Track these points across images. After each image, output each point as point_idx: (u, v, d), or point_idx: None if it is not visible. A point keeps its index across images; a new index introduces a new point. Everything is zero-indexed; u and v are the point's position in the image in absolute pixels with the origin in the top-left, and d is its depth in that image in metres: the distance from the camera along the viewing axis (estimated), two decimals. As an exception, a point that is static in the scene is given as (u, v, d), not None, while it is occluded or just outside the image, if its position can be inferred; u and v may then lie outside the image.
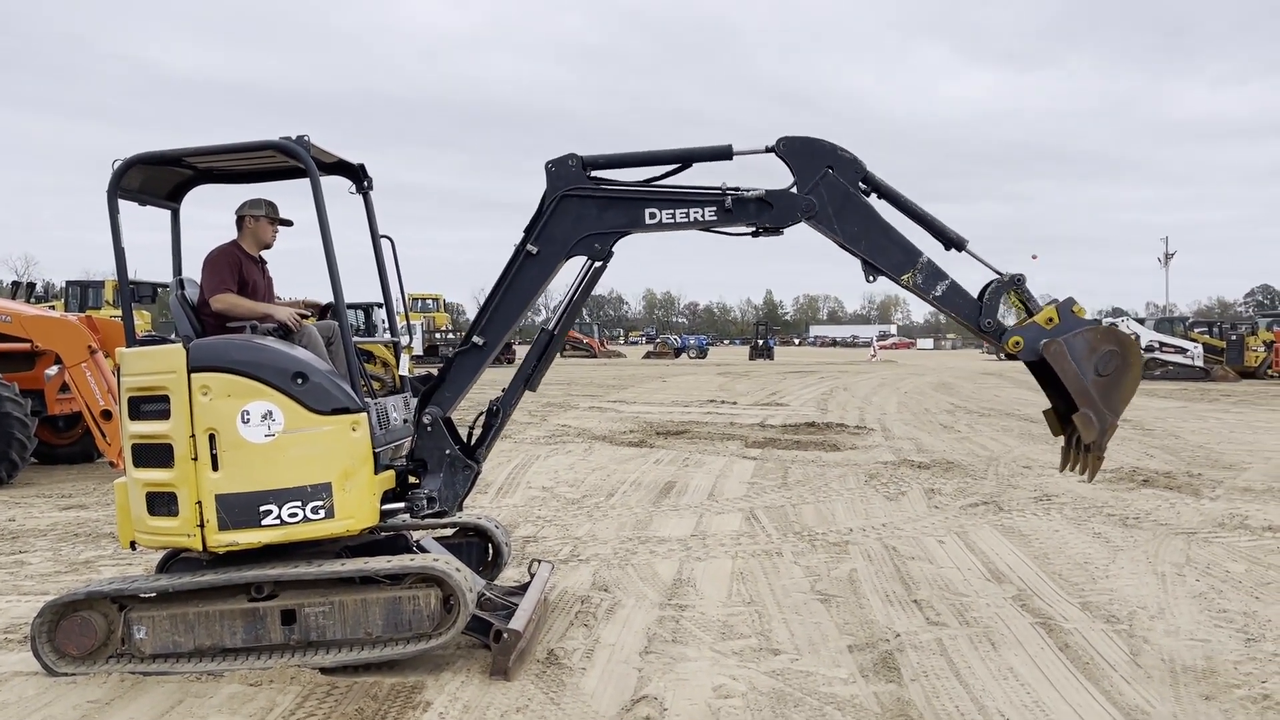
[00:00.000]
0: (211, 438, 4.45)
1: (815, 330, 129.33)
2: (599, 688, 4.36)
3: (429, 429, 4.91)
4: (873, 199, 4.78)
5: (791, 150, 4.71)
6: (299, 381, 4.50)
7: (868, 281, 4.83)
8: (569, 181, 4.76)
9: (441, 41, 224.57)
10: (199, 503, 4.45)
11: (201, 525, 4.45)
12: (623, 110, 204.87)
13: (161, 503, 4.52)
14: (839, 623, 5.31)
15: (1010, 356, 4.80)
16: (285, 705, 4.13)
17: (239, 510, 4.44)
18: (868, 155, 4.80)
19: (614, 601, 5.70)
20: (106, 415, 9.93)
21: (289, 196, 5.42)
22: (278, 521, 4.46)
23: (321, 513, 4.49)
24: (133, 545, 4.79)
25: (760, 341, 53.16)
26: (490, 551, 5.73)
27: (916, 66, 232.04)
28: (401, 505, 4.85)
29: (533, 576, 5.41)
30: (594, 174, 4.79)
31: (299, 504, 4.47)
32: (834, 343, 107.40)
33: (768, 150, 4.73)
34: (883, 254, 4.73)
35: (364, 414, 4.60)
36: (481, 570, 5.56)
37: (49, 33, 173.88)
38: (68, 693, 4.30)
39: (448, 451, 4.93)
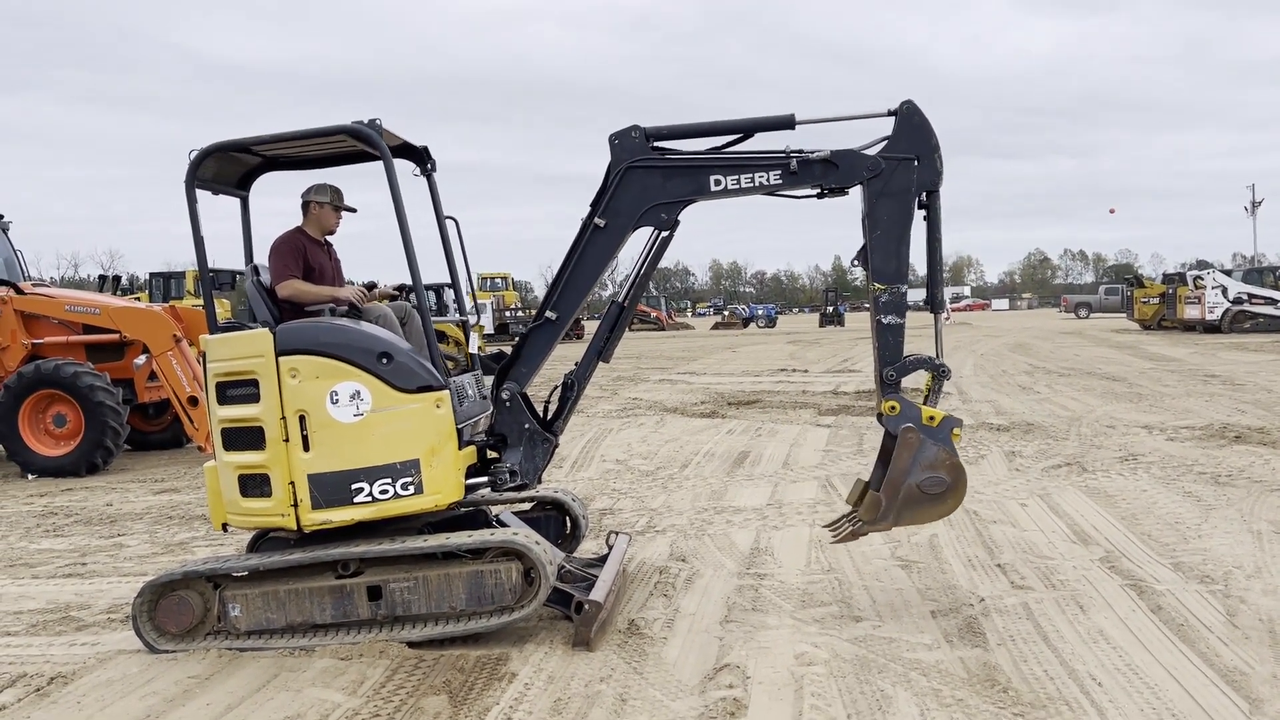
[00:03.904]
0: (302, 419, 4.54)
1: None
2: (681, 657, 4.38)
3: (508, 404, 5.00)
4: (918, 215, 4.80)
5: (908, 120, 4.71)
6: (384, 361, 4.59)
7: (851, 263, 4.89)
8: (633, 153, 4.80)
9: (488, 16, 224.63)
10: (292, 483, 4.55)
11: (295, 505, 4.56)
12: (673, 76, 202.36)
13: (254, 484, 4.63)
14: (921, 589, 5.25)
15: (879, 415, 4.91)
16: (376, 678, 4.24)
17: (331, 489, 4.55)
18: (927, 113, 4.72)
19: (692, 571, 5.72)
20: (193, 401, 10.25)
21: (349, 181, 5.51)
22: (370, 499, 4.57)
23: (411, 488, 4.59)
24: (224, 528, 4.92)
25: (830, 309, 52.56)
26: (568, 524, 5.79)
27: (973, 18, 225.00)
28: (484, 480, 4.94)
29: (610, 548, 5.45)
30: (657, 144, 4.83)
31: (389, 480, 4.57)
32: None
33: (889, 113, 4.72)
34: (882, 254, 4.76)
35: (447, 391, 4.68)
36: (560, 543, 5.61)
37: (99, 24, 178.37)
38: (169, 669, 4.47)
39: (526, 425, 5.01)
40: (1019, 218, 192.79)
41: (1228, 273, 32.62)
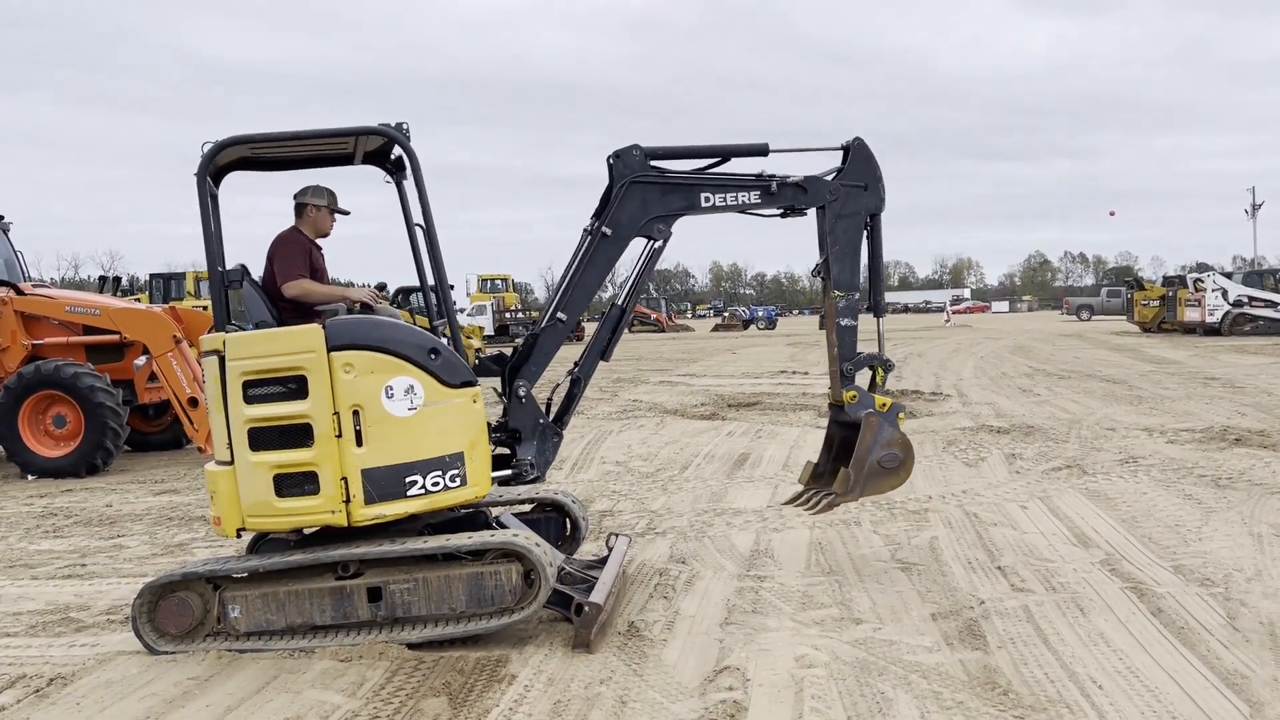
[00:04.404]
0: (355, 414, 4.53)
1: (886, 296, 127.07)
2: (681, 659, 4.38)
3: (523, 400, 5.14)
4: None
5: (859, 154, 5.48)
6: (433, 356, 4.67)
7: (812, 274, 5.76)
8: (634, 169, 5.22)
9: (487, 17, 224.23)
10: (344, 479, 4.52)
11: (347, 500, 4.52)
12: (672, 78, 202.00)
13: (294, 483, 4.55)
14: (921, 591, 5.25)
15: (836, 405, 5.66)
16: (375, 680, 4.23)
17: (385, 483, 4.55)
18: (925, 114, 5.11)
19: (692, 573, 5.72)
20: (193, 402, 10.25)
21: (340, 184, 5.52)
22: (422, 491, 4.61)
23: (458, 480, 4.68)
24: (239, 533, 4.74)
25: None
26: (568, 526, 5.79)
27: (972, 19, 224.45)
28: (509, 473, 5.06)
29: (610, 550, 5.45)
30: (653, 163, 5.28)
31: (440, 473, 4.63)
32: (906, 309, 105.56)
33: (840, 147, 5.48)
34: (840, 266, 5.50)
35: (479, 387, 4.81)
36: (560, 545, 5.61)
37: (98, 25, 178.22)
38: (169, 670, 4.46)
39: (540, 421, 5.19)
40: (1019, 219, 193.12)
41: (1228, 275, 32.63)
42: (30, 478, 10.35)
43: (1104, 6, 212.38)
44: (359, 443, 4.52)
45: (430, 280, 5.39)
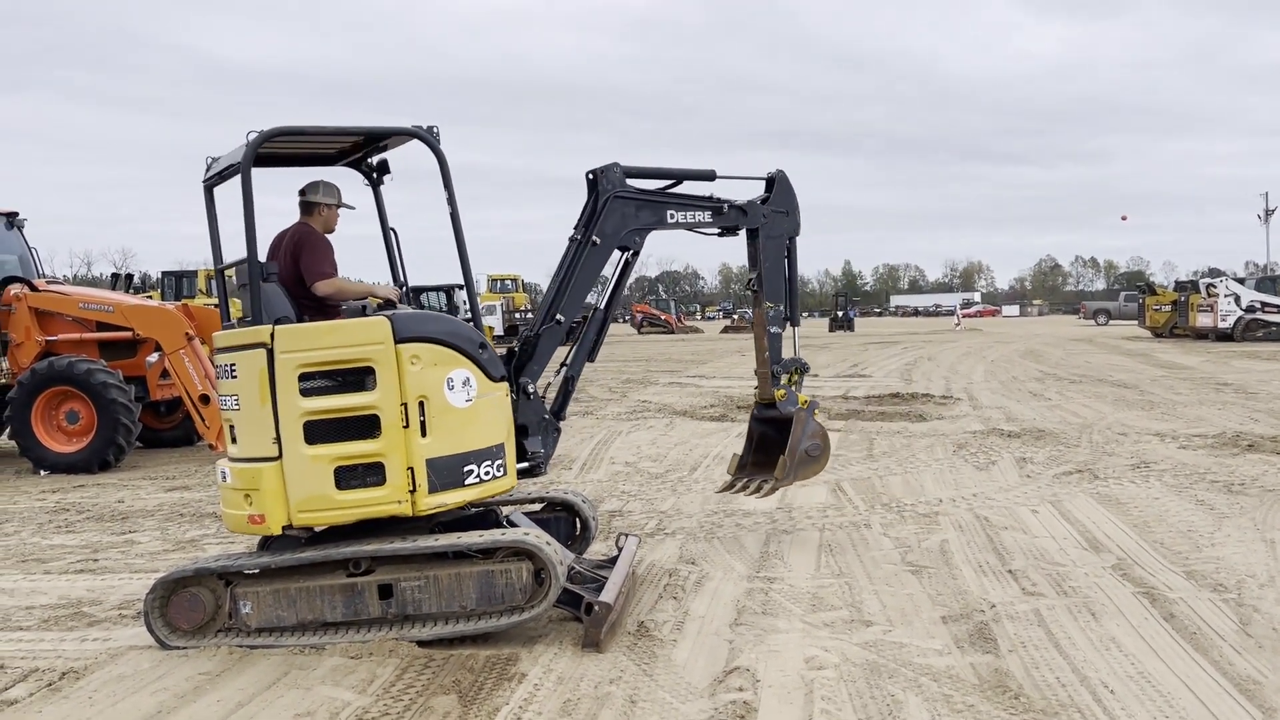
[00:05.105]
0: (421, 405, 4.58)
1: (896, 300, 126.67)
2: (690, 659, 4.38)
3: (530, 396, 5.31)
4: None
5: (782, 185, 6.19)
6: (483, 351, 4.83)
7: (745, 288, 6.45)
8: (615, 185, 5.65)
9: (488, 18, 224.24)
10: (410, 469, 4.56)
11: (413, 490, 4.57)
12: (674, 79, 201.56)
13: (358, 475, 4.56)
14: (931, 594, 5.23)
15: (763, 403, 6.40)
16: (386, 677, 4.24)
17: (447, 472, 4.64)
18: (933, 117, 5.41)
19: (702, 574, 5.72)
20: (204, 400, 10.28)
21: (343, 181, 5.58)
22: (477, 480, 4.75)
23: (502, 470, 4.90)
24: (285, 530, 4.63)
25: (840, 313, 52.40)
26: (577, 526, 5.80)
27: (981, 20, 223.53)
28: (526, 465, 5.20)
29: (620, 550, 5.45)
30: (629, 181, 5.73)
31: (490, 463, 4.81)
32: (916, 312, 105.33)
33: (765, 178, 6.17)
34: (770, 283, 6.20)
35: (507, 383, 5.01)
36: (569, 545, 5.62)
37: (105, 25, 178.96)
38: (180, 665, 4.48)
39: (545, 416, 5.40)
40: (1029, 223, 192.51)
41: (1240, 281, 32.47)
42: (43, 473, 10.40)
43: (1113, 9, 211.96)
44: (423, 433, 4.59)
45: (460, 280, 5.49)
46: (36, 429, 10.46)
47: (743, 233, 6.14)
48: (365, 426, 4.56)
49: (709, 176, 5.98)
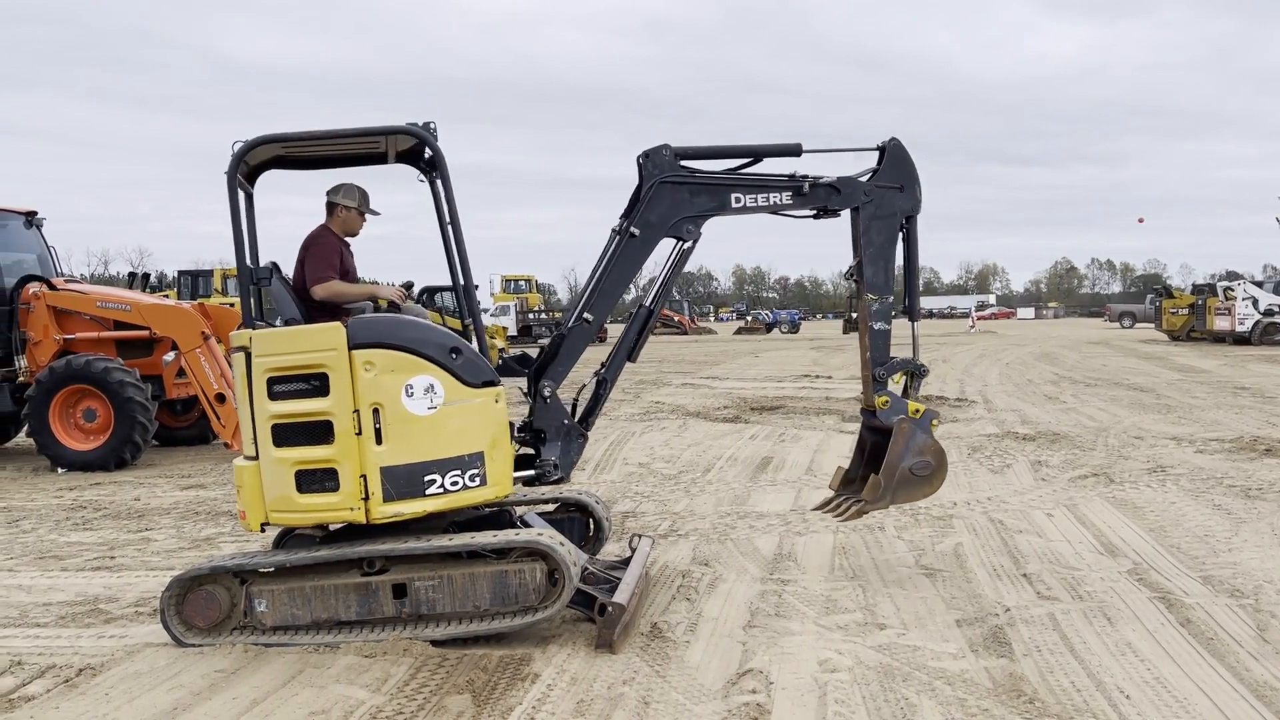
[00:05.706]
0: (375, 412, 4.55)
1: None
2: (704, 661, 4.37)
3: (548, 401, 5.14)
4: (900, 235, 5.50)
5: (895, 155, 5.40)
6: (454, 356, 4.69)
7: (844, 276, 5.68)
8: (664, 169, 5.18)
9: (502, 18, 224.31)
10: (363, 476, 4.54)
11: (366, 498, 4.55)
12: (689, 79, 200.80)
13: (316, 479, 4.58)
14: (946, 597, 5.21)
15: (868, 410, 5.55)
16: (399, 676, 4.26)
17: (404, 481, 4.57)
18: (947, 119, 5.04)
19: (715, 576, 5.71)
20: (220, 399, 10.34)
21: (371, 184, 5.54)
22: (441, 490, 4.62)
23: (477, 480, 4.69)
24: (263, 527, 4.81)
25: (854, 315, 52.10)
26: (591, 527, 5.80)
27: (996, 21, 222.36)
28: (532, 473, 5.07)
29: (633, 551, 5.44)
30: (683, 163, 5.22)
31: (459, 473, 4.64)
32: (930, 314, 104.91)
33: (876, 148, 5.39)
34: (875, 269, 5.45)
35: (502, 387, 4.83)
36: (583, 545, 5.62)
37: (121, 24, 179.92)
38: (196, 662, 4.51)
39: (565, 421, 5.19)
40: (1044, 225, 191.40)
41: (1259, 284, 32.20)
42: (60, 471, 10.47)
43: (1129, 11, 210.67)
44: (378, 441, 4.54)
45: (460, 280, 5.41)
46: (54, 427, 10.53)
47: (846, 214, 5.43)
48: (320, 432, 4.56)
49: (794, 151, 5.31)
